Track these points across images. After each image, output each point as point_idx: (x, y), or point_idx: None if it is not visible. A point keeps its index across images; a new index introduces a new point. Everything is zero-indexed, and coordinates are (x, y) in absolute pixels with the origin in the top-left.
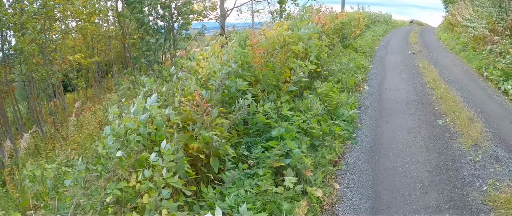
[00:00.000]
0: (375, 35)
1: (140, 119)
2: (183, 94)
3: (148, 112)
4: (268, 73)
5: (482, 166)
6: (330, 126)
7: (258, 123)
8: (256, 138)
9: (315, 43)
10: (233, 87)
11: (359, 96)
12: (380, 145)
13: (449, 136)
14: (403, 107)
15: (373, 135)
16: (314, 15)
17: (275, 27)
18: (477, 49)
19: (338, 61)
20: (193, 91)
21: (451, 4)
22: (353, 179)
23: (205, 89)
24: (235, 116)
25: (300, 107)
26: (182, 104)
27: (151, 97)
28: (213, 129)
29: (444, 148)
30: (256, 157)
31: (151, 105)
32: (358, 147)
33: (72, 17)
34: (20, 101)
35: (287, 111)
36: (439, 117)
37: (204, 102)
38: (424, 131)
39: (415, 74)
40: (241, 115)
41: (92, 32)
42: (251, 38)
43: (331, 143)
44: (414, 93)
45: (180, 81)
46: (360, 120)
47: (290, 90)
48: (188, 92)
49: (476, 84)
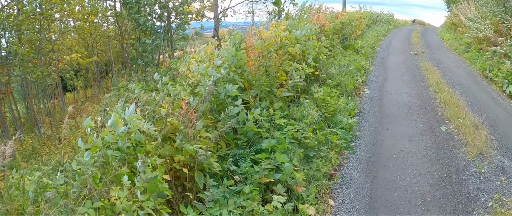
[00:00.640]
0: (377, 35)
1: (119, 132)
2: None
3: (127, 125)
4: (260, 77)
5: (488, 179)
6: (326, 135)
7: (248, 132)
8: (245, 150)
9: (313, 44)
10: (223, 93)
11: (359, 101)
12: (380, 155)
13: (453, 145)
14: (405, 112)
15: (373, 143)
16: (313, 15)
17: (272, 28)
18: (481, 50)
19: (338, 63)
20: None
21: (454, 4)
22: (350, 194)
23: (194, 96)
24: (222, 129)
25: (295, 115)
26: (169, 114)
27: (129, 107)
28: (198, 141)
29: (448, 158)
30: (244, 172)
31: (129, 117)
32: (356, 158)
33: (68, 17)
34: (20, 101)
35: (280, 120)
36: (442, 123)
37: (191, 112)
38: (427, 139)
39: (418, 76)
40: (228, 127)
41: (91, 32)
42: (246, 40)
43: (327, 154)
44: (416, 97)
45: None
46: (359, 127)
47: (284, 96)
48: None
49: (480, 86)
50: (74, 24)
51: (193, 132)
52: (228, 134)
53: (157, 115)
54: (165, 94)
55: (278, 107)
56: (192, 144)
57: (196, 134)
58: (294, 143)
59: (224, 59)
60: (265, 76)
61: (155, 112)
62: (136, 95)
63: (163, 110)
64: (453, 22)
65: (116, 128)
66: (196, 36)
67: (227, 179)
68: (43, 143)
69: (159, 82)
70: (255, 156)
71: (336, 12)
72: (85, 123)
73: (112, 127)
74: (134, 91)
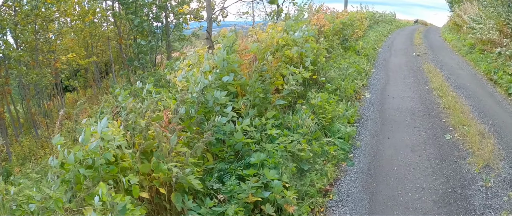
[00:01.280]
0: (378, 36)
1: (91, 148)
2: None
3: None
4: (254, 83)
5: (495, 194)
6: (323, 145)
7: (236, 144)
8: (232, 164)
9: (312, 46)
10: (211, 101)
11: (359, 106)
12: (380, 167)
13: (458, 155)
14: (407, 118)
15: (373, 154)
16: (313, 16)
17: (268, 29)
18: (485, 51)
19: (337, 66)
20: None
21: (457, 4)
22: (346, 213)
23: (181, 105)
24: (198, 144)
25: (289, 124)
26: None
27: (102, 120)
28: (173, 158)
29: (452, 170)
30: (229, 191)
31: (103, 131)
32: (354, 170)
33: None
34: (19, 101)
35: (272, 131)
36: (446, 131)
37: (174, 123)
38: (430, 148)
39: (421, 79)
40: (204, 142)
41: (91, 32)
42: (239, 42)
43: (322, 167)
44: (419, 102)
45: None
46: (359, 135)
47: (278, 104)
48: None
49: (485, 90)
50: (71, 24)
51: (167, 147)
52: (214, 146)
53: (138, 126)
54: (151, 103)
55: (271, 115)
56: (168, 161)
57: (170, 150)
58: (287, 155)
59: (215, 63)
60: (260, 82)
61: (136, 123)
62: (119, 103)
63: (143, 121)
64: (456, 23)
65: (88, 143)
66: (193, 37)
67: (210, 198)
68: (41, 144)
69: (143, 90)
70: (242, 171)
71: (336, 12)
72: (54, 141)
73: (84, 143)
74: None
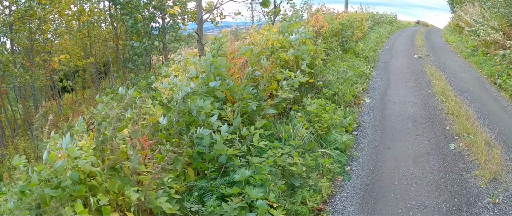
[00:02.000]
0: (379, 37)
1: (56, 167)
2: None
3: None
4: (242, 91)
5: (503, 211)
6: (317, 158)
7: (219, 157)
8: (214, 181)
9: (309, 48)
10: (195, 109)
11: (358, 112)
12: (379, 181)
13: (463, 168)
14: (409, 125)
15: (372, 167)
16: (311, 16)
17: (263, 31)
18: (488, 53)
19: (336, 69)
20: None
21: (459, 5)
22: None
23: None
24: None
25: (281, 134)
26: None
27: (66, 136)
28: (139, 177)
29: (458, 185)
30: (210, 212)
31: (68, 148)
32: (351, 185)
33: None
34: (18, 102)
35: (259, 142)
36: (451, 139)
37: (144, 138)
38: (434, 160)
39: (423, 83)
40: (181, 153)
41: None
42: (227, 44)
43: (316, 182)
44: (422, 107)
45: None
46: (357, 145)
47: (268, 113)
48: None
49: (489, 94)
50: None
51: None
52: (196, 161)
53: (106, 139)
54: (117, 114)
55: (260, 125)
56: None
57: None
58: (277, 170)
59: (203, 68)
60: (252, 87)
61: (104, 135)
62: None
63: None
64: (457, 24)
65: (52, 162)
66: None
67: None
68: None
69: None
70: (225, 190)
71: (336, 12)
72: (14, 161)
73: (48, 161)
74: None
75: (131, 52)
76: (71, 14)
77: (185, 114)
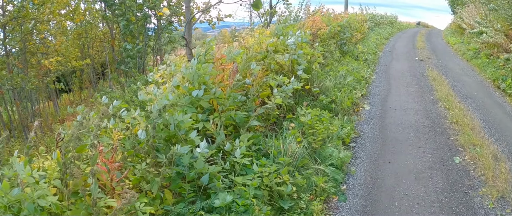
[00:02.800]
0: (379, 39)
1: (13, 195)
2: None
3: None
4: (225, 101)
5: None
6: (310, 176)
7: (201, 177)
8: (192, 205)
9: (305, 52)
10: (173, 124)
11: (357, 121)
12: (378, 202)
13: (469, 185)
14: (411, 136)
15: (370, 184)
16: (308, 17)
17: (256, 33)
18: (491, 56)
19: (334, 74)
20: None
21: (459, 6)
22: None
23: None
24: (156, 180)
25: (270, 149)
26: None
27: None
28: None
29: (463, 205)
30: None
31: (26, 173)
32: (346, 207)
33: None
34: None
35: (243, 159)
36: (455, 152)
37: (110, 160)
38: (437, 176)
39: (425, 88)
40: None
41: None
42: (214, 48)
43: (308, 204)
44: (424, 115)
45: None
46: (355, 159)
47: (256, 125)
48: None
49: (494, 100)
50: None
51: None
52: (175, 182)
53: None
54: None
55: (245, 139)
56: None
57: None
58: (264, 191)
59: (186, 75)
60: (242, 95)
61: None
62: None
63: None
64: (459, 26)
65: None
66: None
67: None
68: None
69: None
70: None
71: (335, 13)
72: None
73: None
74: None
75: (124, 54)
76: (65, 14)
77: (161, 129)
